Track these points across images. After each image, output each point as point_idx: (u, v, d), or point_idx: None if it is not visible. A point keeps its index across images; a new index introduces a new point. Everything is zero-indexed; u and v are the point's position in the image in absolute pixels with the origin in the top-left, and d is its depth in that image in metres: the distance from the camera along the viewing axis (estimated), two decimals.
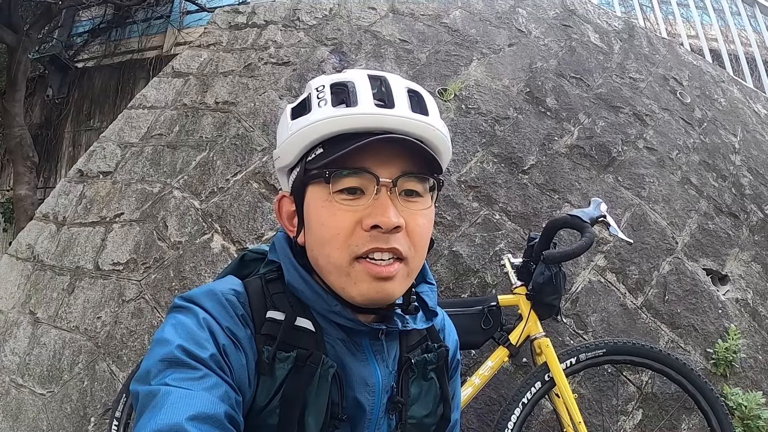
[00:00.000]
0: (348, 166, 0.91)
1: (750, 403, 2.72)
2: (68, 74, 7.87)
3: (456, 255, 2.99)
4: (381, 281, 0.91)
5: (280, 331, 0.94)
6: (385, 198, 0.91)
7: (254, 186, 3.39)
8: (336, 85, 0.96)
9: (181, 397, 0.77)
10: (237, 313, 0.93)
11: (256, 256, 1.12)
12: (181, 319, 0.90)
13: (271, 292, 0.99)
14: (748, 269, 3.36)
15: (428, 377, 1.09)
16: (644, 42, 4.43)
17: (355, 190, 0.92)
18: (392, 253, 0.91)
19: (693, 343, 2.95)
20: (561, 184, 3.30)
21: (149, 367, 0.83)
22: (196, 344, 0.85)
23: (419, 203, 0.96)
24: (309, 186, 0.95)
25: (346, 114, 0.92)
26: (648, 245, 3.18)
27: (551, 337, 2.37)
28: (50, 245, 3.68)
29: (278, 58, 4.02)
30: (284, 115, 1.02)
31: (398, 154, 0.93)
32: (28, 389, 3.23)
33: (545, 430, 2.65)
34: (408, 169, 0.94)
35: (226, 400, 0.81)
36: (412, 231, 0.94)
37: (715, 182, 3.64)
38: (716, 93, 4.38)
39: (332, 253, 0.92)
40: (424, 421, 1.09)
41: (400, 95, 0.95)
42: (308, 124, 0.94)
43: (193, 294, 0.95)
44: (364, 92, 0.94)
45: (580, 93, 3.79)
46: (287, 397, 0.92)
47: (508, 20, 4.21)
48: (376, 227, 0.89)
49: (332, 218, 0.91)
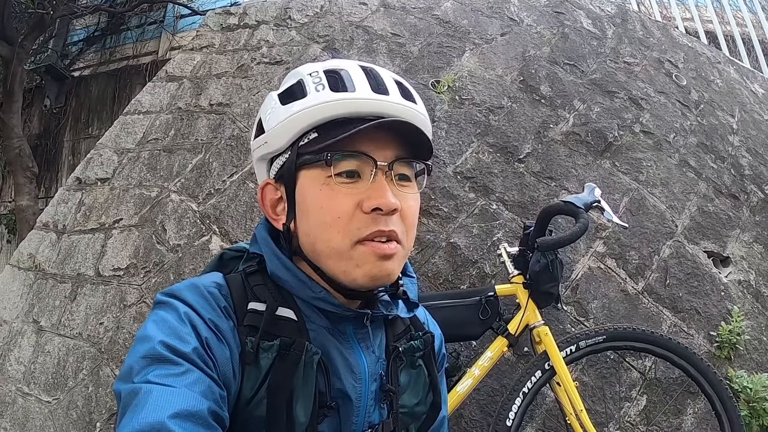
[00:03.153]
0: (346, 150, 0.92)
1: (756, 386, 2.69)
2: (65, 83, 7.86)
3: (454, 247, 2.98)
4: (383, 260, 0.94)
5: (262, 320, 0.94)
6: (383, 181, 0.93)
7: (251, 186, 3.39)
8: (329, 71, 0.98)
9: (163, 395, 0.76)
10: (219, 305, 0.93)
11: (234, 255, 1.13)
12: (161, 315, 0.89)
13: (252, 285, 0.99)
14: (749, 250, 3.34)
15: (416, 365, 1.11)
16: (638, 26, 4.41)
17: (353, 173, 0.93)
18: (392, 234, 0.94)
19: (696, 327, 2.94)
20: (557, 171, 3.29)
21: (131, 365, 0.83)
22: (178, 339, 0.85)
23: (410, 187, 0.99)
24: (302, 170, 0.96)
25: (347, 98, 0.94)
26: (647, 230, 3.16)
27: (552, 325, 2.37)
28: (51, 254, 3.69)
29: (271, 58, 4.02)
30: (269, 101, 1.02)
31: (391, 140, 0.96)
32: (34, 397, 3.24)
33: (549, 419, 2.64)
34: (401, 154, 0.97)
35: (210, 396, 0.81)
36: (405, 214, 0.97)
37: (714, 164, 3.62)
38: (712, 74, 4.35)
39: (333, 237, 0.93)
40: (415, 410, 1.10)
41: (391, 84, 0.99)
42: (306, 107, 0.95)
43: (174, 288, 0.95)
44: (359, 79, 0.97)
45: (575, 79, 3.77)
46: (273, 385, 0.91)
47: (500, 9, 4.19)
48: (377, 209, 0.92)
49: (333, 201, 0.93)
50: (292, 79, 1.02)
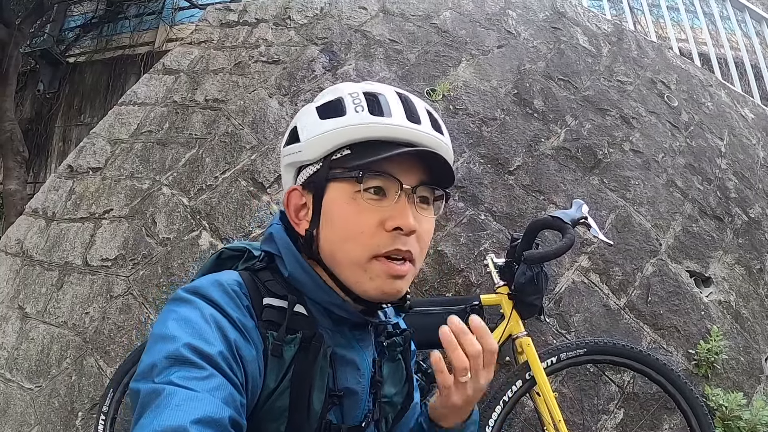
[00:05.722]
0: (376, 170, 0.97)
1: (731, 404, 2.74)
2: (59, 69, 7.81)
3: (441, 254, 3.02)
4: (395, 279, 0.99)
5: (286, 314, 0.98)
6: (405, 203, 0.98)
7: (242, 184, 3.40)
8: (368, 94, 1.03)
9: (186, 399, 0.76)
10: (243, 304, 0.97)
11: (232, 254, 1.16)
12: (184, 313, 0.90)
13: (263, 281, 1.03)
14: (731, 272, 3.40)
15: (396, 358, 1.18)
16: (633, 45, 4.47)
17: (380, 190, 0.98)
18: (407, 255, 0.99)
19: (675, 344, 2.99)
20: (546, 185, 3.33)
21: (153, 364, 0.82)
22: (203, 340, 0.85)
23: (428, 211, 1.05)
24: (331, 183, 1.01)
25: (384, 123, 0.99)
26: (632, 247, 3.21)
27: (534, 336, 2.40)
28: (39, 240, 3.69)
29: (268, 57, 4.04)
30: (307, 113, 1.07)
31: (418, 165, 1.01)
32: (16, 384, 3.24)
33: (527, 428, 2.68)
34: (425, 179, 1.02)
35: (231, 403, 0.81)
36: (421, 236, 1.02)
37: (701, 185, 3.68)
38: (704, 97, 4.42)
39: (354, 249, 0.98)
40: (393, 399, 1.18)
41: (423, 113, 1.04)
42: (345, 125, 1.00)
43: (199, 285, 0.97)
44: (395, 105, 1.02)
45: (568, 95, 3.82)
46: (298, 374, 0.96)
47: (498, 22, 4.23)
48: (397, 229, 0.97)
49: (358, 216, 0.98)
50: (331, 95, 1.06)
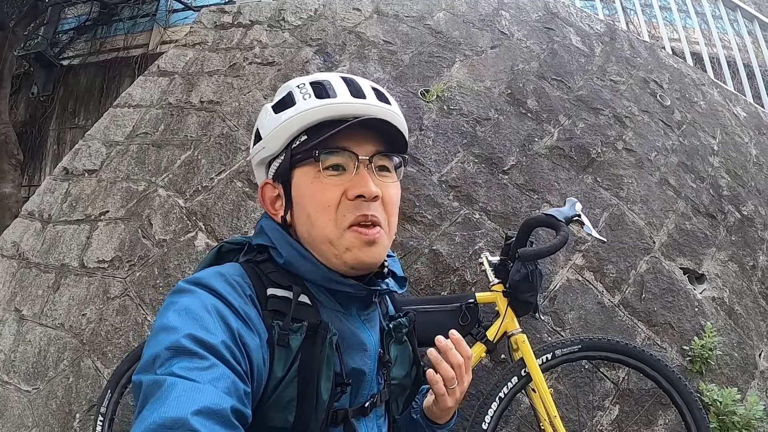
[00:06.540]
0: (331, 146, 1.05)
1: (725, 399, 2.76)
2: (53, 72, 7.81)
3: (436, 254, 3.04)
4: (369, 246, 1.05)
5: (291, 303, 1.02)
6: (364, 172, 1.06)
7: (238, 185, 3.41)
8: (314, 83, 1.12)
9: (187, 390, 0.76)
10: (245, 294, 1.00)
11: (232, 248, 1.19)
12: (184, 304, 0.91)
13: (265, 272, 1.07)
14: (724, 268, 3.42)
15: (402, 340, 1.23)
16: (625, 45, 4.49)
17: (338, 167, 1.06)
18: (374, 219, 1.05)
19: (669, 341, 3.01)
20: (540, 184, 3.35)
21: (155, 355, 0.82)
22: (205, 330, 0.86)
23: (390, 177, 1.13)
24: (296, 168, 1.09)
25: (330, 103, 1.07)
26: (626, 245, 3.23)
27: (529, 333, 2.42)
28: (35, 243, 3.69)
29: (263, 58, 4.05)
30: (265, 112, 1.16)
31: (371, 137, 1.09)
32: (13, 386, 3.24)
33: (523, 425, 2.70)
34: (380, 148, 1.10)
35: (234, 393, 0.82)
36: (386, 200, 1.09)
37: (693, 183, 3.71)
38: (696, 96, 4.44)
39: (325, 224, 1.05)
40: (403, 382, 1.23)
41: (368, 90, 1.13)
42: (296, 113, 1.08)
43: (200, 276, 0.99)
44: (339, 87, 1.10)
45: (561, 95, 3.84)
46: (305, 363, 0.99)
47: (491, 23, 4.25)
48: (360, 196, 1.04)
49: (322, 192, 1.05)
50: (283, 91, 1.15)
